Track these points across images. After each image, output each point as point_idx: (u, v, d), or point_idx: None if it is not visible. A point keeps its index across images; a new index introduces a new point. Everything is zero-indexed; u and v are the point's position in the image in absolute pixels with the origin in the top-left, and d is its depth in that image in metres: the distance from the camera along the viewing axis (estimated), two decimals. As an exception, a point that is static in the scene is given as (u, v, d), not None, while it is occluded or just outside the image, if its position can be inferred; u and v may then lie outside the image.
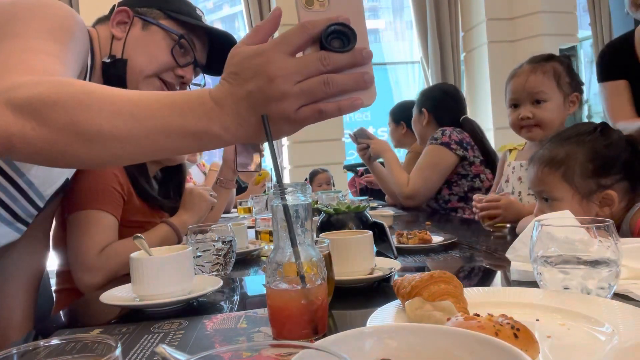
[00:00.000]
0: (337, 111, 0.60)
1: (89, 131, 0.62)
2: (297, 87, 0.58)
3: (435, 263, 1.08)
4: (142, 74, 1.10)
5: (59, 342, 0.38)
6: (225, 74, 0.62)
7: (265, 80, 0.58)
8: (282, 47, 0.58)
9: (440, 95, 2.35)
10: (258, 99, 0.59)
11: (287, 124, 0.61)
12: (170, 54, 1.12)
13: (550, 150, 1.14)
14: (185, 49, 1.15)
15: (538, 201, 1.18)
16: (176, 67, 1.14)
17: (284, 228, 0.60)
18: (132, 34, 1.11)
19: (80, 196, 1.22)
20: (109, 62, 1.08)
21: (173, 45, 1.12)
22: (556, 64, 1.52)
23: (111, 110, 0.62)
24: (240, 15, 5.36)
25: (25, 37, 0.78)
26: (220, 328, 0.72)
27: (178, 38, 1.12)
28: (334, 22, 0.59)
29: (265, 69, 0.58)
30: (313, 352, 0.32)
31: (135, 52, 1.10)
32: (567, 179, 1.08)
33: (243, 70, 0.59)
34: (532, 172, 1.16)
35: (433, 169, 2.10)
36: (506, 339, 0.46)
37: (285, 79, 0.58)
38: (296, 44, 0.59)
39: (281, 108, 0.59)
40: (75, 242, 1.20)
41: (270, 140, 0.61)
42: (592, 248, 0.69)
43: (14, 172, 0.90)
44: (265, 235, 1.47)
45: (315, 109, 0.59)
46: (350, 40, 0.59)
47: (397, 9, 6.30)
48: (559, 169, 1.10)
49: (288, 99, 0.58)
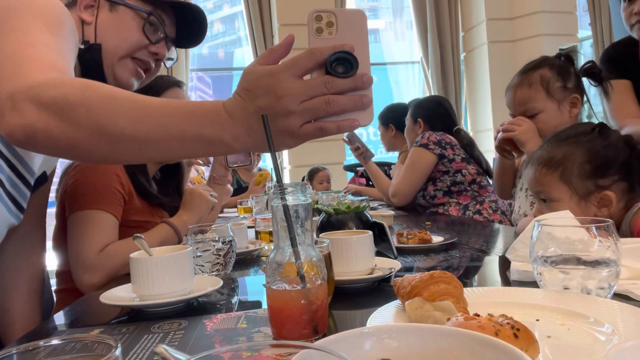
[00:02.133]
0: (336, 129, 0.66)
1: (112, 133, 0.68)
2: (302, 106, 0.65)
3: (435, 263, 1.08)
4: (116, 55, 1.10)
5: (59, 342, 0.38)
6: (239, 89, 0.68)
7: (274, 98, 0.64)
8: (292, 70, 0.65)
9: (435, 106, 2.52)
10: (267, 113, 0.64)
11: (291, 138, 0.67)
12: (142, 32, 1.12)
13: (549, 151, 1.13)
14: (155, 25, 1.14)
15: (537, 202, 1.18)
16: (149, 45, 1.14)
17: (284, 228, 0.60)
18: (101, 17, 1.10)
19: (81, 196, 1.22)
20: (84, 48, 1.08)
21: (143, 24, 1.12)
22: (545, 70, 1.50)
23: (134, 115, 0.68)
24: (240, 15, 5.36)
25: (25, 31, 0.81)
26: (220, 328, 0.72)
27: (147, 16, 1.12)
28: (339, 50, 0.65)
29: (275, 88, 0.64)
30: (313, 352, 0.32)
31: (107, 35, 1.10)
32: (565, 180, 1.08)
33: (255, 87, 0.66)
34: (531, 172, 1.16)
35: (412, 169, 2.26)
36: (506, 339, 0.46)
37: (292, 98, 0.64)
38: (304, 68, 0.65)
39: (287, 123, 0.65)
40: (76, 241, 1.20)
41: (270, 140, 0.62)
42: (592, 248, 0.69)
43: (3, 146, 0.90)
44: (265, 235, 1.47)
45: (316, 126, 0.66)
46: (352, 66, 0.65)
47: (397, 9, 6.30)
48: (557, 169, 1.10)
49: (293, 115, 0.65)
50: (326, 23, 0.67)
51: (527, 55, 1.66)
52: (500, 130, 1.53)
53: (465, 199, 2.21)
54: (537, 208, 1.16)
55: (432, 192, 2.26)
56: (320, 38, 0.67)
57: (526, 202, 1.58)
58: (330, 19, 0.67)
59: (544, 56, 1.57)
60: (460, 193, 2.22)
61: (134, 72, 1.14)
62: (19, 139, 0.71)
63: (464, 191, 2.22)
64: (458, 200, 2.21)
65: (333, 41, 0.66)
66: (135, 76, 1.15)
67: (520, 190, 1.62)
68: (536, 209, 1.16)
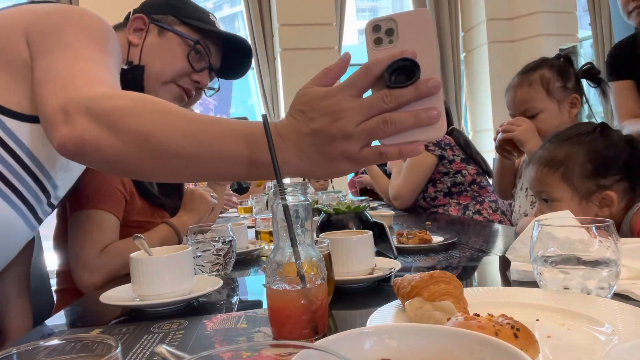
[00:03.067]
0: (398, 154, 0.61)
1: (157, 148, 0.66)
2: (359, 128, 0.60)
3: (435, 263, 1.08)
4: (158, 80, 1.13)
5: (59, 342, 0.38)
6: (292, 110, 0.64)
7: (330, 120, 0.60)
8: (348, 90, 0.60)
9: None
10: (322, 137, 0.61)
11: (348, 162, 0.62)
12: (187, 59, 1.15)
13: (550, 151, 1.13)
14: (201, 54, 1.17)
15: (537, 202, 1.18)
16: (192, 73, 1.16)
17: (284, 228, 0.60)
18: (149, 40, 1.13)
19: (83, 196, 1.22)
20: (127, 68, 1.11)
21: (189, 51, 1.15)
22: (545, 70, 1.50)
23: (182, 131, 0.66)
24: (240, 15, 5.36)
25: (76, 48, 0.83)
26: (220, 328, 0.72)
27: (194, 44, 1.15)
28: (397, 59, 0.59)
29: (331, 110, 0.60)
30: (313, 352, 0.32)
31: (152, 58, 1.12)
32: (566, 180, 1.08)
33: (310, 109, 0.62)
34: (532, 172, 1.16)
35: (413, 171, 2.24)
36: (506, 339, 0.46)
37: (348, 120, 0.60)
38: (361, 87, 0.61)
39: (344, 147, 0.61)
40: (77, 241, 1.20)
41: (270, 141, 0.61)
42: (592, 248, 0.69)
43: (43, 176, 0.93)
44: (265, 235, 1.47)
45: (376, 150, 0.62)
46: (413, 73, 0.59)
47: (397, 9, 6.30)
48: (558, 169, 1.10)
49: (351, 139, 0.60)
50: (385, 31, 0.62)
51: (527, 55, 1.66)
52: (500, 131, 1.53)
53: (465, 199, 2.21)
54: (538, 208, 1.16)
55: (432, 194, 2.26)
56: (380, 49, 0.62)
57: (526, 201, 1.58)
58: (390, 25, 0.62)
59: (544, 57, 1.58)
60: (460, 193, 2.22)
61: (178, 96, 1.17)
62: (70, 151, 0.71)
63: (464, 192, 2.22)
64: (458, 201, 2.21)
65: (393, 49, 0.60)
66: (177, 101, 1.18)
67: (521, 190, 1.62)
68: (537, 209, 1.16)
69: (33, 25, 0.87)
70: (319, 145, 0.61)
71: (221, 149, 0.65)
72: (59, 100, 0.73)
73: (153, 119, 0.67)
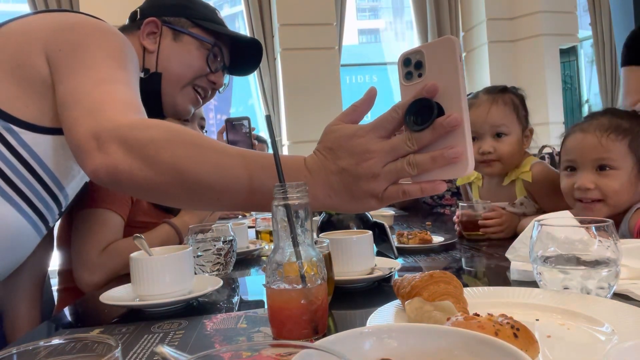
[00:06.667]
0: (420, 192, 0.62)
1: (190, 180, 0.67)
2: (386, 168, 0.62)
3: (435, 263, 1.08)
4: (179, 83, 1.13)
5: (59, 342, 0.38)
6: (321, 146, 0.65)
7: (357, 160, 0.61)
8: (377, 132, 0.62)
9: None
10: (349, 175, 0.62)
11: (373, 200, 0.64)
12: (205, 62, 1.15)
13: (610, 120, 1.09)
14: (217, 55, 1.18)
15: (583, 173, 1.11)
16: (209, 74, 1.17)
17: (284, 228, 0.60)
18: (164, 45, 1.12)
19: (89, 195, 1.22)
20: (144, 77, 1.10)
21: (207, 54, 1.15)
22: (513, 96, 1.42)
23: (215, 165, 0.67)
24: (240, 15, 5.36)
25: (99, 68, 0.83)
26: (220, 328, 0.72)
27: (211, 46, 1.15)
28: (416, 99, 0.60)
29: (359, 150, 0.61)
30: (313, 352, 0.32)
31: (170, 63, 1.12)
32: (632, 149, 1.06)
33: (339, 148, 0.63)
34: (590, 139, 1.08)
35: None
36: (506, 338, 0.46)
37: (375, 161, 0.61)
38: (389, 129, 0.62)
39: (371, 187, 0.62)
40: (79, 239, 1.20)
41: (274, 141, 0.63)
42: (592, 248, 0.69)
43: (55, 187, 0.94)
44: (265, 235, 1.47)
45: (400, 189, 0.63)
46: (431, 114, 0.59)
47: (397, 9, 6.31)
48: (626, 136, 1.07)
49: (377, 179, 0.62)
50: (414, 64, 0.61)
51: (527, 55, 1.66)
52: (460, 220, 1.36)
53: None
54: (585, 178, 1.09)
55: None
56: (410, 84, 0.61)
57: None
58: (418, 58, 0.61)
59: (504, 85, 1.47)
60: None
61: (194, 100, 1.18)
62: (102, 178, 0.71)
63: None
64: None
65: (421, 84, 0.60)
66: (194, 104, 1.19)
67: None
68: (585, 179, 1.09)
69: (53, 41, 0.87)
70: (347, 184, 0.63)
71: (252, 182, 0.66)
72: (90, 127, 0.73)
73: (187, 152, 0.68)
